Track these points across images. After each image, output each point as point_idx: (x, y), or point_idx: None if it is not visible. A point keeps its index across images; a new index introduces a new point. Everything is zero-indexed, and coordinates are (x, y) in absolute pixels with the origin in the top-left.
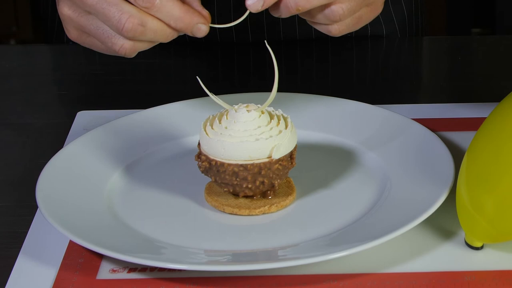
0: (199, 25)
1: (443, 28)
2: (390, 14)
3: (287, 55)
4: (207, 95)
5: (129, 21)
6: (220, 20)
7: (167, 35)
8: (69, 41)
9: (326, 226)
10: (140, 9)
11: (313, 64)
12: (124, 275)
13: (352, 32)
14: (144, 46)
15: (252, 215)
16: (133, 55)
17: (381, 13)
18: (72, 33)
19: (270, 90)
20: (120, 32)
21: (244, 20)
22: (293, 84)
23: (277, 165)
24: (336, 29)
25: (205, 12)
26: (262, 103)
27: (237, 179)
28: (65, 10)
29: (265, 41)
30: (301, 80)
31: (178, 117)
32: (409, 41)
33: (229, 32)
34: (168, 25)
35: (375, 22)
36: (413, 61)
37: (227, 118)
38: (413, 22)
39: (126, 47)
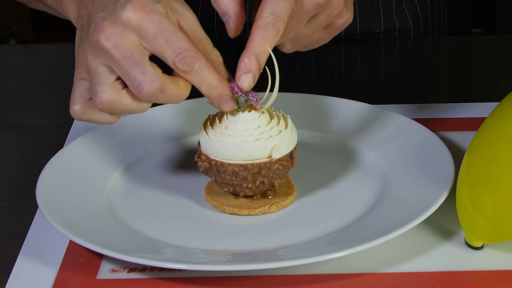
0: (228, 97)
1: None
2: (392, 15)
3: (287, 55)
4: None
5: (149, 86)
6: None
7: (182, 99)
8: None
9: (326, 226)
10: (162, 75)
11: (313, 64)
12: (124, 275)
13: (357, 31)
14: (143, 109)
15: (252, 215)
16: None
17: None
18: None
19: (271, 90)
20: (138, 94)
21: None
22: (293, 84)
23: (277, 165)
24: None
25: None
26: (263, 103)
27: (237, 179)
28: (89, 58)
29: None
30: (301, 80)
31: (178, 117)
32: (409, 42)
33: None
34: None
35: (376, 20)
36: (413, 61)
37: (227, 118)
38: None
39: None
